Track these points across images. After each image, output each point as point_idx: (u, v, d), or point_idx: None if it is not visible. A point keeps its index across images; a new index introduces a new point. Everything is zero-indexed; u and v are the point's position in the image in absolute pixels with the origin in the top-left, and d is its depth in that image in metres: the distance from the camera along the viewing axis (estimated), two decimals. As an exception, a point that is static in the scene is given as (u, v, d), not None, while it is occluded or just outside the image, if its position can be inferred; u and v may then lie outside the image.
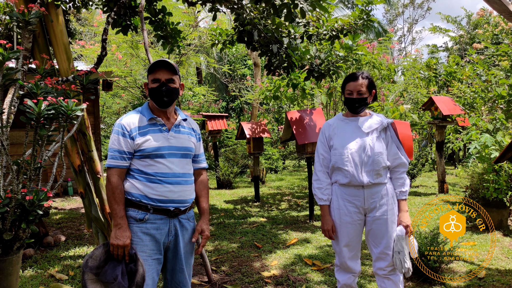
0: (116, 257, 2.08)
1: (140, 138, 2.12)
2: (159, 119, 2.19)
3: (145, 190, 2.12)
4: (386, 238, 2.60)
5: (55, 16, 3.49)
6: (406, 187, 2.66)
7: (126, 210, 2.15)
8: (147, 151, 2.12)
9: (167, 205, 2.15)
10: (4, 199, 2.20)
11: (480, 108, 6.76)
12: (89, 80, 3.15)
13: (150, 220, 2.13)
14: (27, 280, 3.75)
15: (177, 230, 2.22)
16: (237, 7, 4.10)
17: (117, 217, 2.07)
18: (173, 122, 2.25)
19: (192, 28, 9.17)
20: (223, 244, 4.95)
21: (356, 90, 2.58)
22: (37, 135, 2.38)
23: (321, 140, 2.72)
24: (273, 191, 9.33)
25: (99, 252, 2.10)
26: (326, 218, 2.66)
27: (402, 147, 2.65)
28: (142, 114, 2.21)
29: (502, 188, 5.04)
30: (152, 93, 2.19)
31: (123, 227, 2.07)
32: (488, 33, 11.75)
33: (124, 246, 2.05)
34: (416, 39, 26.23)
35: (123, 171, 2.15)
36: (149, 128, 2.16)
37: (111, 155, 2.14)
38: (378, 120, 2.65)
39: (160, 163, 2.14)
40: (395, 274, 2.64)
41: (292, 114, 6.20)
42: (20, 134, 7.53)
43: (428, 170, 12.69)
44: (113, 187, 2.10)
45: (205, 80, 20.01)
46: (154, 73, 2.17)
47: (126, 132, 2.13)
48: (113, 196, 2.10)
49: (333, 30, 4.72)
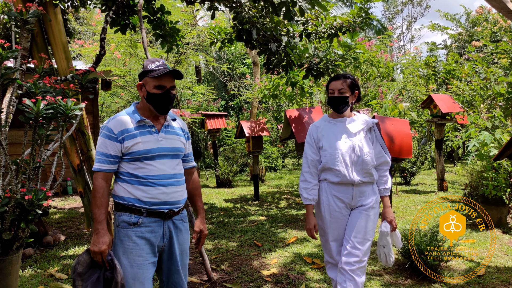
0: (98, 263, 2.05)
1: (129, 141, 2.08)
2: (148, 121, 2.15)
3: (137, 193, 2.09)
4: (363, 233, 2.62)
5: (53, 15, 3.49)
6: (389, 184, 2.78)
7: (119, 215, 2.12)
8: (137, 154, 2.08)
9: (161, 208, 2.12)
10: (3, 199, 2.20)
11: (479, 106, 6.77)
12: (87, 79, 3.15)
13: (144, 223, 2.10)
14: (27, 279, 3.75)
15: (171, 232, 2.20)
16: (235, 5, 4.10)
17: (96, 222, 2.03)
18: (163, 123, 2.22)
19: (191, 27, 9.15)
20: (222, 242, 4.95)
21: (337, 89, 2.67)
22: (36, 135, 2.38)
23: (309, 142, 2.77)
24: (273, 190, 9.33)
25: (84, 258, 2.06)
26: (309, 218, 2.72)
27: (385, 146, 2.75)
28: (131, 116, 2.15)
29: (501, 186, 5.05)
30: (153, 99, 2.13)
31: (100, 232, 2.02)
32: (487, 30, 11.76)
33: (101, 252, 2.00)
34: (415, 37, 26.19)
35: (109, 175, 2.11)
36: (138, 131, 2.12)
37: (98, 158, 2.10)
38: (364, 121, 2.73)
39: (150, 165, 2.10)
40: (360, 275, 2.59)
41: (291, 112, 6.20)
42: (19, 133, 7.52)
43: (427, 168, 12.70)
44: (95, 191, 2.06)
45: (204, 79, 19.99)
46: (159, 79, 2.12)
47: (113, 135, 2.08)
48: (94, 199, 2.06)
49: (331, 28, 4.72)
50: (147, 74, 2.14)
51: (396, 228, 2.76)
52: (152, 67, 2.13)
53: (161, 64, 2.13)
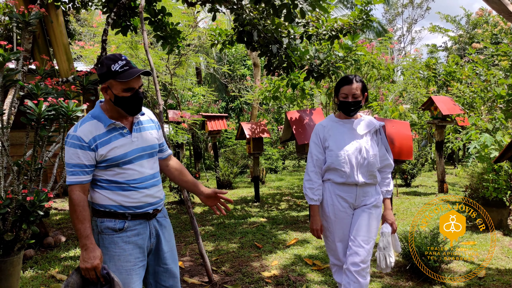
0: (92, 281, 1.95)
1: (103, 148, 1.94)
2: (118, 123, 2.00)
3: (119, 199, 1.99)
4: (367, 230, 2.62)
5: (55, 17, 3.50)
6: (391, 187, 2.80)
7: (102, 221, 2.00)
8: (114, 160, 1.96)
9: (146, 209, 2.06)
10: (5, 200, 2.20)
11: (480, 108, 6.77)
12: (89, 80, 3.16)
13: (130, 227, 2.02)
14: (28, 280, 3.75)
15: (157, 230, 2.14)
16: (236, 7, 4.11)
17: (82, 237, 1.90)
18: (131, 121, 2.08)
19: (192, 29, 9.17)
20: (223, 244, 4.95)
21: (351, 94, 2.63)
22: (37, 136, 2.39)
23: (315, 142, 2.75)
24: (273, 191, 9.33)
25: (73, 279, 1.95)
26: (315, 218, 2.72)
27: (390, 149, 2.76)
28: (98, 120, 1.99)
29: (502, 188, 5.05)
30: (123, 102, 1.97)
31: (89, 247, 1.90)
32: (487, 32, 11.77)
33: (94, 268, 1.90)
34: (415, 39, 26.26)
35: (86, 186, 1.97)
36: (110, 135, 1.98)
37: (71, 171, 1.93)
38: (370, 123, 2.72)
39: (130, 169, 2.00)
40: (364, 277, 2.57)
41: (292, 114, 6.21)
42: (21, 135, 7.51)
43: (427, 170, 12.69)
44: (74, 205, 1.91)
45: (204, 80, 20.01)
46: (127, 82, 1.94)
47: (84, 144, 1.92)
48: (75, 214, 1.91)
49: (332, 30, 4.73)
50: (113, 77, 1.94)
51: (395, 231, 2.76)
52: (116, 68, 1.92)
53: (126, 64, 1.94)
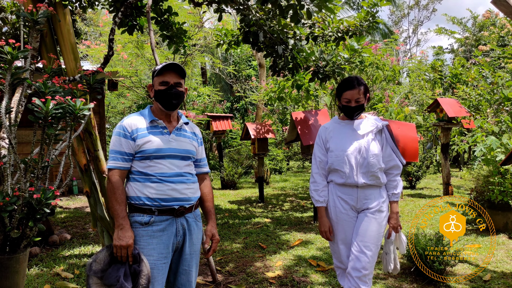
0: (120, 259, 2.06)
1: (141, 139, 2.12)
2: (160, 122, 2.20)
3: (146, 190, 2.11)
4: (368, 236, 2.57)
5: (62, 16, 3.51)
6: (399, 189, 2.70)
7: (131, 215, 2.14)
8: (148, 152, 2.12)
9: (171, 204, 2.13)
10: (12, 197, 2.22)
11: (486, 111, 6.74)
12: (95, 79, 3.17)
13: (156, 222, 2.11)
14: (33, 278, 3.77)
15: (185, 229, 2.20)
16: (243, 8, 4.11)
17: (119, 217, 2.06)
18: (175, 125, 2.26)
19: (198, 29, 9.18)
20: (227, 244, 4.95)
21: (354, 99, 2.61)
22: (44, 134, 2.40)
23: (318, 143, 2.76)
24: (277, 192, 9.33)
25: (103, 255, 2.07)
26: (323, 220, 2.70)
27: (398, 150, 2.68)
28: (144, 116, 2.22)
29: (508, 191, 5.02)
30: (159, 95, 2.18)
31: (125, 227, 2.05)
32: (494, 35, 11.71)
33: (127, 246, 2.03)
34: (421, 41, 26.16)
35: (124, 172, 2.15)
36: (151, 130, 2.16)
37: (113, 156, 2.14)
38: (373, 123, 2.69)
39: (160, 164, 2.13)
40: (366, 283, 2.55)
41: (297, 114, 6.20)
42: (28, 133, 7.57)
43: (433, 172, 12.64)
44: (114, 187, 2.09)
45: (210, 80, 20.02)
46: (162, 75, 2.17)
47: (127, 133, 2.14)
48: (114, 196, 2.08)
49: (338, 32, 4.72)
50: (154, 75, 2.22)
51: (400, 232, 2.73)
52: (157, 68, 2.19)
53: (169, 63, 2.18)
